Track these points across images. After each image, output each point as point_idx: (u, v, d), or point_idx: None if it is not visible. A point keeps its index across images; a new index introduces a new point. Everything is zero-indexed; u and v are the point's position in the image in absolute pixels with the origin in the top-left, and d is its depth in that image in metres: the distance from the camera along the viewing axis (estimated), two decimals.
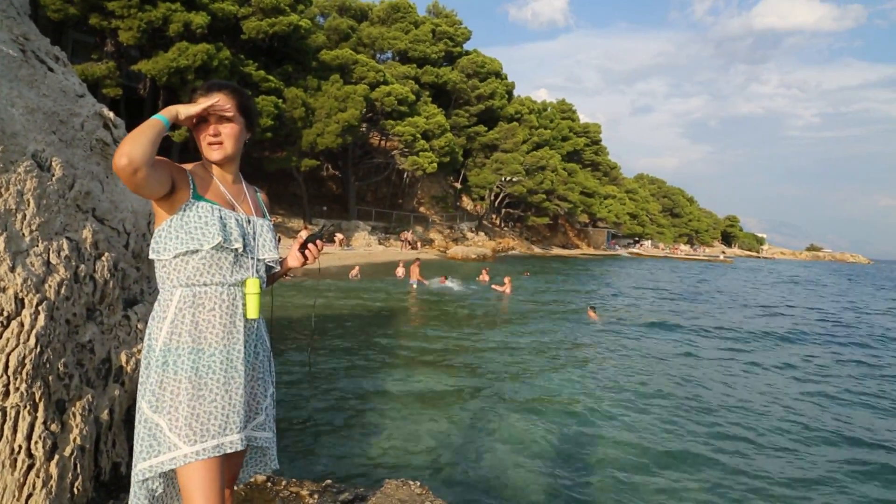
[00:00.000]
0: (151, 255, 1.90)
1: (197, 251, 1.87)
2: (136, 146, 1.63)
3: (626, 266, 49.37)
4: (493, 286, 20.80)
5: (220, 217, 1.90)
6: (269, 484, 3.40)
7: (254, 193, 2.17)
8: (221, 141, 1.95)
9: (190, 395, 1.82)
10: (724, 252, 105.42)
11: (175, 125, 1.87)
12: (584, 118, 76.19)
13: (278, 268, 2.15)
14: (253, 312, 1.95)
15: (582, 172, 67.58)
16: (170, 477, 1.95)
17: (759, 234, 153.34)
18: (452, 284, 20.28)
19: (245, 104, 2.01)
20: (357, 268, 22.88)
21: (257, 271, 2.01)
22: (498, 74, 55.05)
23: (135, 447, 1.85)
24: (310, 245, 2.14)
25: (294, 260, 2.17)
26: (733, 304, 23.58)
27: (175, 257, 1.87)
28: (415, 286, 18.97)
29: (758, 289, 33.60)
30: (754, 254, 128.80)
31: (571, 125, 70.45)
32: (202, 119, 1.93)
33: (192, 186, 1.90)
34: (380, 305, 15.55)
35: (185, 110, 1.84)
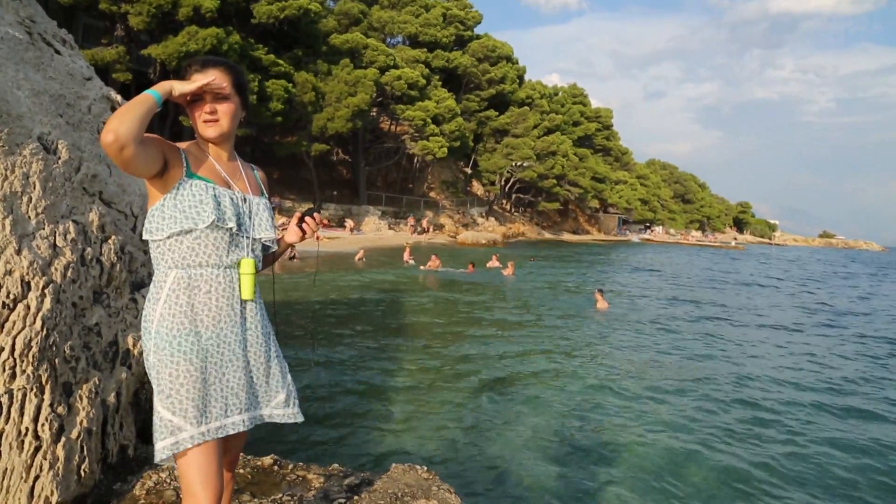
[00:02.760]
0: (145, 236, 1.86)
1: (191, 231, 1.83)
2: (123, 122, 1.59)
3: (637, 252, 49.17)
4: (502, 270, 21.02)
5: (215, 195, 1.86)
6: (275, 467, 3.41)
7: (250, 171, 2.12)
8: (218, 119, 1.90)
9: (191, 378, 1.80)
10: (735, 239, 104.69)
11: (170, 102, 1.83)
12: (596, 103, 75.65)
13: (275, 247, 2.12)
14: (247, 293, 1.92)
15: (593, 158, 67.15)
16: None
17: (772, 221, 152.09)
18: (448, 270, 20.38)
19: (241, 81, 1.96)
20: (362, 251, 22.91)
21: (252, 251, 1.98)
22: (509, 59, 54.60)
23: (153, 428, 1.85)
24: (307, 219, 2.12)
25: (293, 235, 2.13)
26: (745, 288, 23.46)
27: (169, 237, 1.84)
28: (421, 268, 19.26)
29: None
30: (766, 240, 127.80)
31: (583, 110, 69.89)
32: (197, 96, 1.87)
33: (185, 164, 1.85)
34: (385, 291, 15.57)
35: (179, 87, 1.79)
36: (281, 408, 2.07)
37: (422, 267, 19.68)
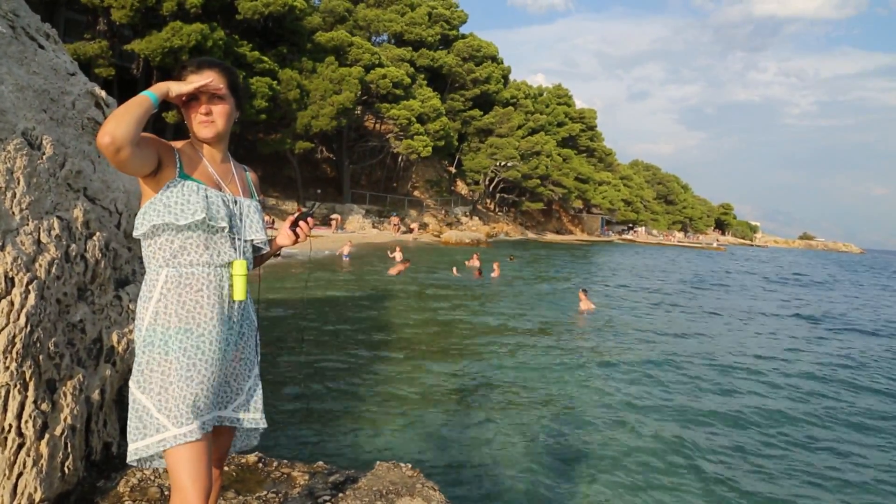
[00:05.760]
0: (136, 233, 1.87)
1: (180, 228, 1.84)
2: (120, 125, 1.60)
3: (620, 252, 49.49)
4: (493, 272, 20.45)
5: (206, 196, 1.87)
6: (260, 465, 3.42)
7: (242, 172, 2.13)
8: (213, 119, 1.92)
9: (178, 377, 1.80)
10: (717, 240, 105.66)
11: (165, 103, 1.84)
12: (580, 104, 75.95)
13: (266, 248, 2.13)
14: (239, 294, 1.93)
15: (577, 158, 67.45)
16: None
17: (753, 222, 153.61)
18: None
19: (235, 83, 1.98)
20: (349, 243, 22.82)
21: (244, 253, 1.99)
22: (494, 58, 54.72)
23: (127, 427, 1.85)
24: (301, 223, 2.13)
25: (285, 238, 2.15)
26: (725, 289, 23.70)
27: (157, 234, 1.85)
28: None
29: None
30: (747, 242, 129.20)
31: (567, 111, 70.19)
32: (192, 97, 1.89)
33: (178, 165, 1.86)
34: (370, 290, 15.55)
35: (177, 88, 1.80)
36: (241, 411, 2.06)
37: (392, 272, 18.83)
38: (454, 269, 20.57)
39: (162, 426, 1.78)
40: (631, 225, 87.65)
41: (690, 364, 9.92)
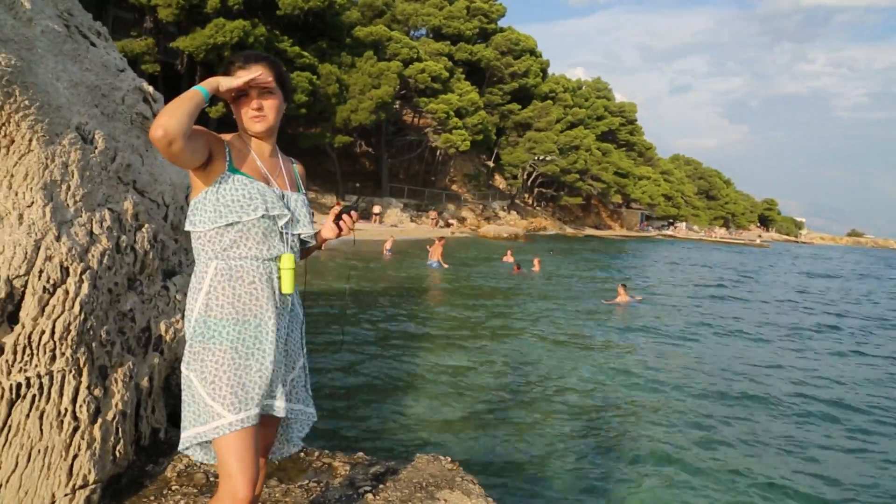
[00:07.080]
0: (188, 227, 1.89)
1: (234, 224, 1.87)
2: (172, 119, 1.63)
3: (659, 248, 48.78)
4: (533, 267, 20.41)
5: (257, 191, 1.89)
6: (301, 454, 3.47)
7: (290, 166, 2.15)
8: (265, 114, 1.93)
9: (230, 365, 1.83)
10: (760, 237, 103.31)
11: (214, 97, 1.85)
12: (621, 97, 75.16)
13: (313, 242, 2.15)
14: (287, 287, 1.95)
15: (616, 152, 66.65)
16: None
17: (799, 218, 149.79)
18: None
19: (282, 75, 1.99)
20: (391, 237, 22.99)
21: (291, 247, 2.01)
22: (532, 52, 54.38)
23: (182, 415, 1.89)
24: (344, 216, 2.14)
25: (329, 231, 2.16)
26: (768, 288, 23.17)
27: (211, 229, 1.87)
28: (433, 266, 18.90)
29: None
30: (792, 238, 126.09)
31: (606, 104, 69.33)
32: (242, 92, 1.90)
33: (228, 158, 1.89)
34: (411, 283, 15.64)
35: (226, 83, 1.82)
36: (281, 400, 2.04)
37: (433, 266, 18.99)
38: (505, 256, 22.27)
39: (217, 414, 1.81)
40: (671, 220, 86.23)
41: (727, 359, 9.74)
